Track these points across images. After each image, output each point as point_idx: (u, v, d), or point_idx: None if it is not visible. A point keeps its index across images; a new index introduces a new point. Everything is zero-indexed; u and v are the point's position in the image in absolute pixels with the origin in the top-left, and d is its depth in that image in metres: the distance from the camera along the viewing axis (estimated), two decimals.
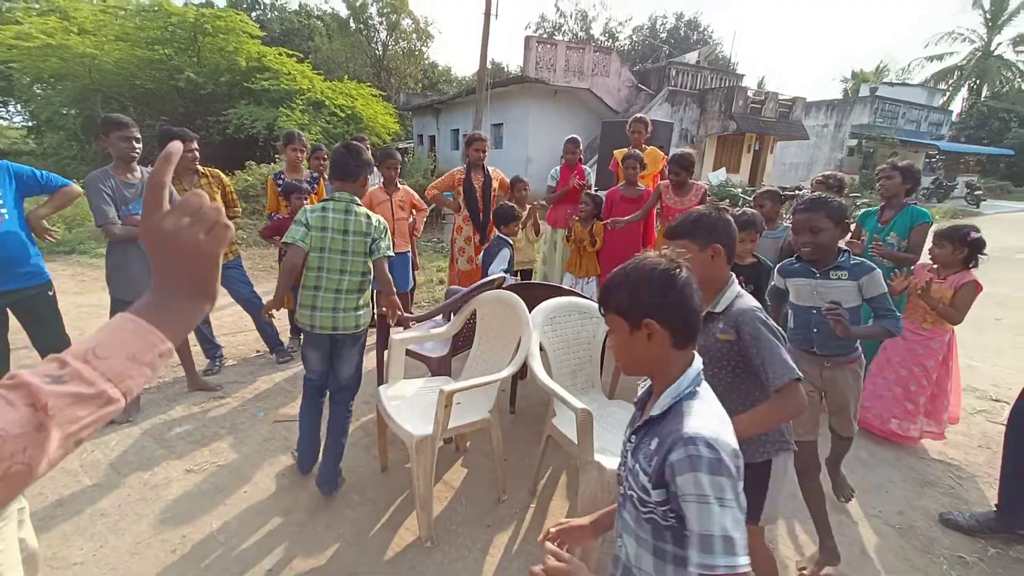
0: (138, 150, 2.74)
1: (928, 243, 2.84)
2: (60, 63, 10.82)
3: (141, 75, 11.70)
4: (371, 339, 4.14)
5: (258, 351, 3.95)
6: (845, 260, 1.92)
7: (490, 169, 4.09)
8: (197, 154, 3.19)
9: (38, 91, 12.39)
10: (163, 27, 11.30)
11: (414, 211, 4.08)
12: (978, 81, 30.03)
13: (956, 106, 30.68)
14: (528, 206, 4.33)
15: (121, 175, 2.72)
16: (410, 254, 4.13)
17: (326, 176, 4.07)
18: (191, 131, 3.21)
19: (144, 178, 2.79)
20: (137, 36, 11.35)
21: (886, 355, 2.93)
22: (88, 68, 11.11)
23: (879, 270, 1.91)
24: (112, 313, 2.87)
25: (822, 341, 2.01)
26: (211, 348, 3.59)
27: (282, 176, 3.78)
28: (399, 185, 3.89)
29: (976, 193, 18.87)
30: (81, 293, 5.13)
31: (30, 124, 14.78)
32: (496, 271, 3.26)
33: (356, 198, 2.22)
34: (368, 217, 2.23)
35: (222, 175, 3.49)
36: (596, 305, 2.82)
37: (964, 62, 30.20)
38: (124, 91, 11.93)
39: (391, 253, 2.30)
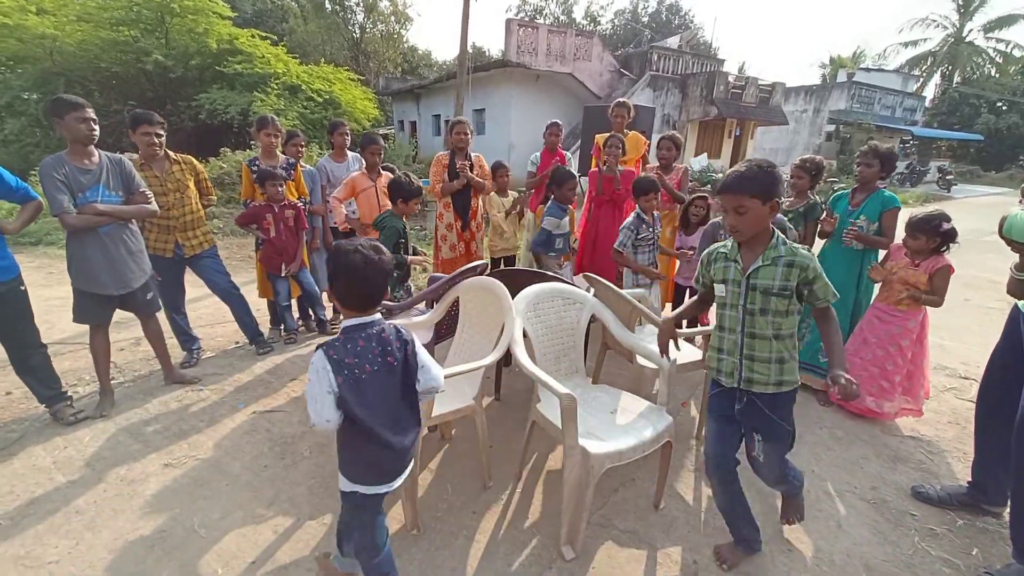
0: (96, 132, 2.59)
1: (900, 232, 2.91)
2: (18, 45, 10.31)
3: (106, 57, 11.21)
4: None
5: (237, 342, 3.87)
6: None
7: (473, 155, 4.03)
8: (161, 139, 3.05)
9: None
10: (127, 7, 10.81)
11: None
12: (950, 67, 30.67)
13: (929, 92, 31.38)
14: (513, 195, 4.31)
15: (77, 160, 2.57)
16: None
17: (303, 163, 3.97)
18: (160, 116, 3.08)
19: (103, 163, 2.65)
20: (100, 16, 10.85)
21: (863, 336, 3.00)
22: (49, 50, 10.61)
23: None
24: (74, 304, 2.75)
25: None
26: (188, 340, 3.51)
27: (257, 162, 3.67)
28: (382, 171, 3.82)
29: (947, 178, 19.39)
30: (49, 286, 4.95)
31: None
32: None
33: None
34: None
35: (195, 162, 3.37)
36: (578, 291, 2.81)
37: (937, 48, 30.79)
38: (88, 74, 11.43)
39: None
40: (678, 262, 3.95)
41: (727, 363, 1.76)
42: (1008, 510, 2.16)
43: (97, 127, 2.60)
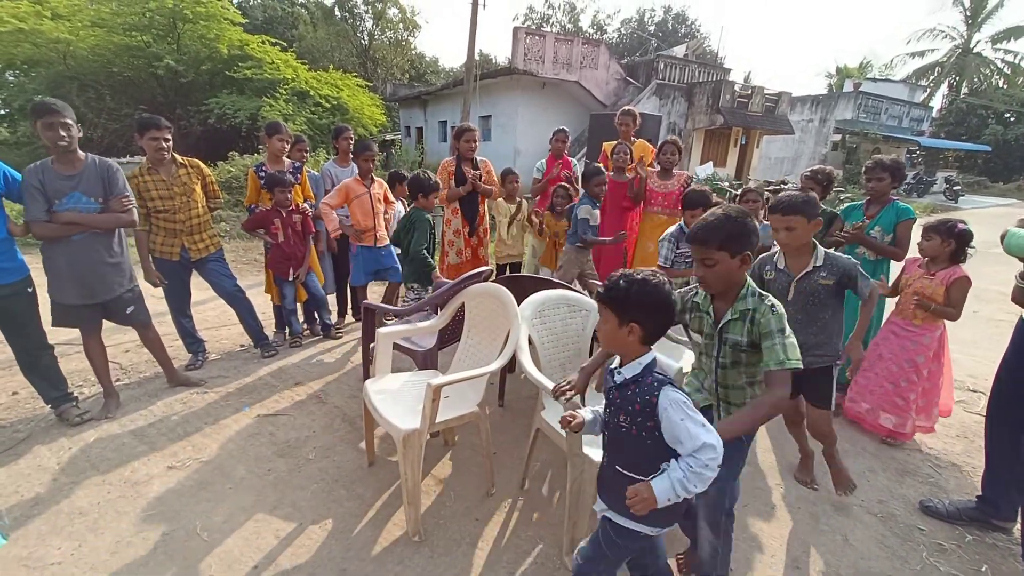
0: (65, 139, 2.45)
1: (916, 237, 2.88)
2: (33, 49, 10.47)
3: (118, 62, 11.38)
4: (357, 332, 4.10)
5: (242, 345, 3.88)
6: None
7: (480, 160, 4.04)
8: (168, 143, 3.03)
9: (10, 78, 12.00)
10: (141, 13, 10.98)
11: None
12: (957, 78, 30.58)
13: (936, 102, 31.29)
14: (519, 199, 4.33)
15: (59, 166, 2.51)
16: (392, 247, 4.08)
17: (308, 168, 4.00)
18: (168, 120, 3.10)
19: (86, 168, 2.57)
20: (114, 22, 11.02)
21: (877, 351, 2.93)
22: (62, 54, 10.78)
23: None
24: (52, 316, 2.69)
25: None
26: (193, 342, 3.52)
27: (264, 168, 3.69)
28: (375, 177, 3.82)
29: (955, 188, 19.31)
30: None
31: (3, 112, 14.31)
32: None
33: None
34: None
35: (202, 165, 3.39)
36: (584, 298, 2.81)
37: (945, 59, 30.72)
38: (100, 79, 11.60)
39: None
40: None
41: (704, 399, 1.71)
42: (1019, 525, 2.13)
43: (66, 132, 2.46)
